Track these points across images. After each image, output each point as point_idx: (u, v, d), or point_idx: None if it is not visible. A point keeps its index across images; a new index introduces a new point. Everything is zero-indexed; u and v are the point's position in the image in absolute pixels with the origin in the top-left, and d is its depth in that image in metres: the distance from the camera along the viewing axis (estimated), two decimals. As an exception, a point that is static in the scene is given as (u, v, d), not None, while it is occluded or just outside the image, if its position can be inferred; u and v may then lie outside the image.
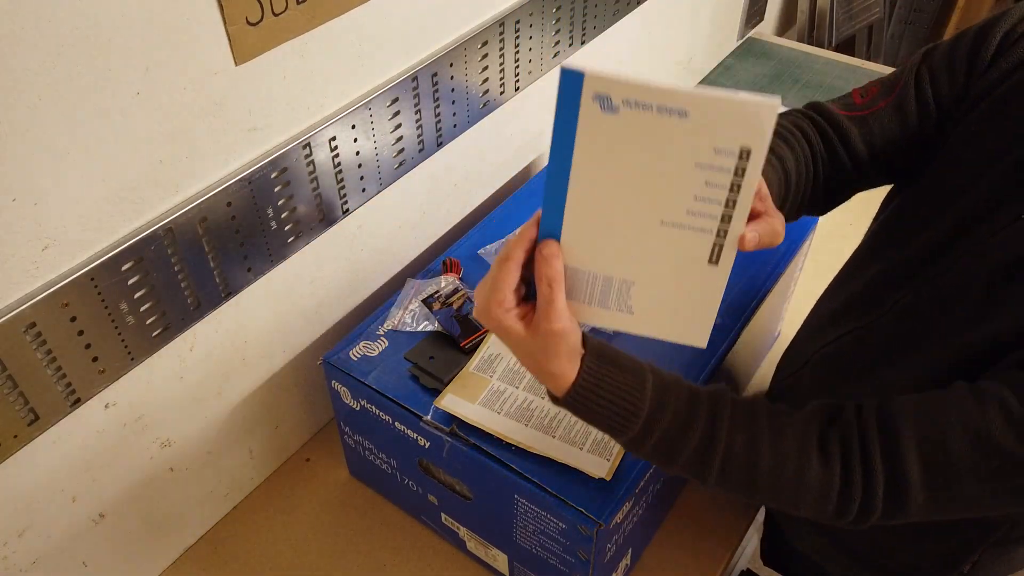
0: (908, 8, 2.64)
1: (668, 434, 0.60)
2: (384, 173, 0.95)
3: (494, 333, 0.60)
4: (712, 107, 0.49)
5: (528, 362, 0.60)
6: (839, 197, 0.79)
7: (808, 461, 0.59)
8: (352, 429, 0.91)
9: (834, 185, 0.77)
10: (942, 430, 0.57)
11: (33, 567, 0.76)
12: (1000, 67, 0.66)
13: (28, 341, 0.65)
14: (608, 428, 0.61)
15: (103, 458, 0.78)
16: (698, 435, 0.60)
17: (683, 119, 0.50)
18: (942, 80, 0.70)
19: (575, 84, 0.50)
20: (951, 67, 0.70)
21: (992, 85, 0.66)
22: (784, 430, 0.60)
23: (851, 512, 0.59)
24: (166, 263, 0.73)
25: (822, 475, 0.59)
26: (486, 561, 0.89)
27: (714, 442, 0.60)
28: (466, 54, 0.98)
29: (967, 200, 0.65)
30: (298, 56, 0.77)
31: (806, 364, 0.81)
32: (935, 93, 0.71)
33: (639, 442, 0.61)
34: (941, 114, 0.71)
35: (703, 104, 0.49)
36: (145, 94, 0.65)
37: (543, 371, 0.59)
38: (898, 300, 0.69)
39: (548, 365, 0.59)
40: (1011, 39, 0.66)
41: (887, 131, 0.73)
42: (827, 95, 1.67)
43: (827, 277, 0.86)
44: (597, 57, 1.29)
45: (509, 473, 0.75)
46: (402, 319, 0.89)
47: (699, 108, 0.49)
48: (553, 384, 0.60)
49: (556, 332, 0.57)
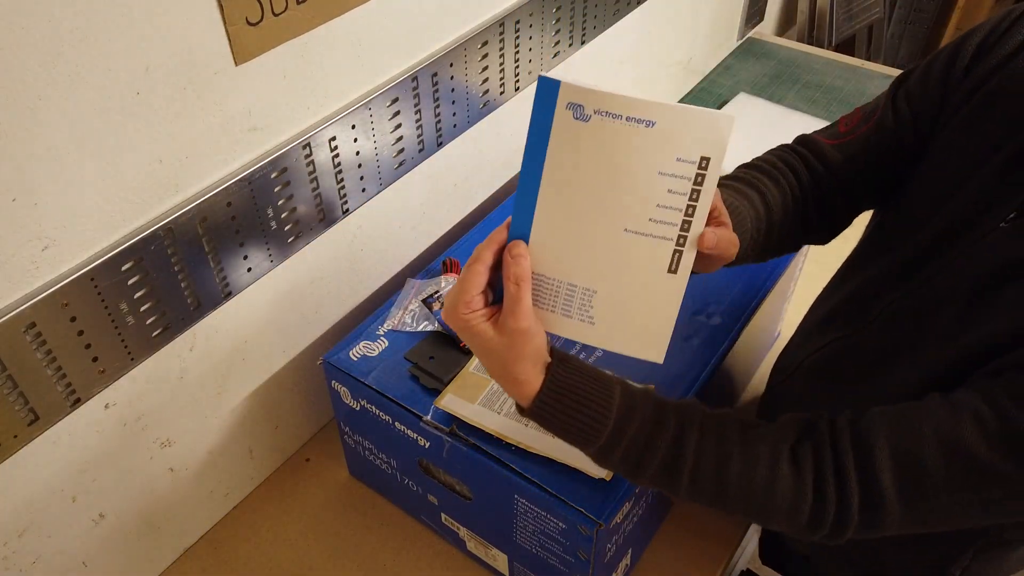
0: (908, 8, 2.65)
1: (636, 442, 0.60)
2: (384, 173, 0.95)
3: (460, 335, 0.60)
4: (677, 117, 0.53)
5: (494, 366, 0.60)
6: (837, 223, 0.80)
7: (779, 473, 0.58)
8: (352, 429, 0.91)
9: (828, 212, 0.78)
10: (917, 441, 0.56)
11: (33, 567, 0.76)
12: (976, 73, 0.65)
13: (28, 341, 0.65)
14: (576, 437, 0.61)
15: (103, 458, 0.78)
16: (666, 444, 0.60)
17: (649, 129, 0.53)
18: (919, 97, 0.71)
19: (551, 92, 0.54)
20: (926, 83, 0.71)
21: (970, 92, 0.66)
22: (755, 442, 0.60)
23: (825, 525, 0.58)
24: (166, 263, 0.73)
25: (794, 487, 0.58)
26: (486, 561, 0.89)
27: (683, 451, 0.60)
28: (466, 54, 0.98)
29: (953, 205, 0.65)
30: (298, 56, 0.77)
31: (797, 369, 0.81)
32: (913, 111, 0.72)
33: (607, 452, 0.61)
34: (921, 130, 0.71)
35: (669, 114, 0.53)
36: (145, 94, 0.65)
37: (509, 375, 0.59)
38: (883, 308, 0.69)
39: (514, 368, 0.59)
40: (985, 47, 0.66)
41: (871, 153, 0.75)
42: (827, 95, 1.67)
43: (827, 277, 0.86)
44: (597, 57, 1.29)
45: (509, 473, 0.75)
46: (402, 319, 0.89)
47: (665, 118, 0.53)
48: (519, 392, 0.60)
49: (522, 331, 0.57)
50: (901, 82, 0.75)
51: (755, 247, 0.71)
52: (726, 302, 0.91)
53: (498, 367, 0.60)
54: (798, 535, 0.60)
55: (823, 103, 1.65)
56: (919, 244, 0.67)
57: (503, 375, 0.60)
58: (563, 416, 0.60)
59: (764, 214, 0.72)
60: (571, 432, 0.61)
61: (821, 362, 0.77)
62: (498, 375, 0.61)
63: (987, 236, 0.61)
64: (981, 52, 0.66)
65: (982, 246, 0.62)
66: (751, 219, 0.70)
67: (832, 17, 2.11)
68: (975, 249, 0.62)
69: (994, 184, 0.62)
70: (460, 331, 0.60)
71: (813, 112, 1.61)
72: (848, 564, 0.81)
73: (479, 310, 0.58)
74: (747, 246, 0.68)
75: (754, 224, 0.70)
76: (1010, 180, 0.61)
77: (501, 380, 0.61)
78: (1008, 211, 0.60)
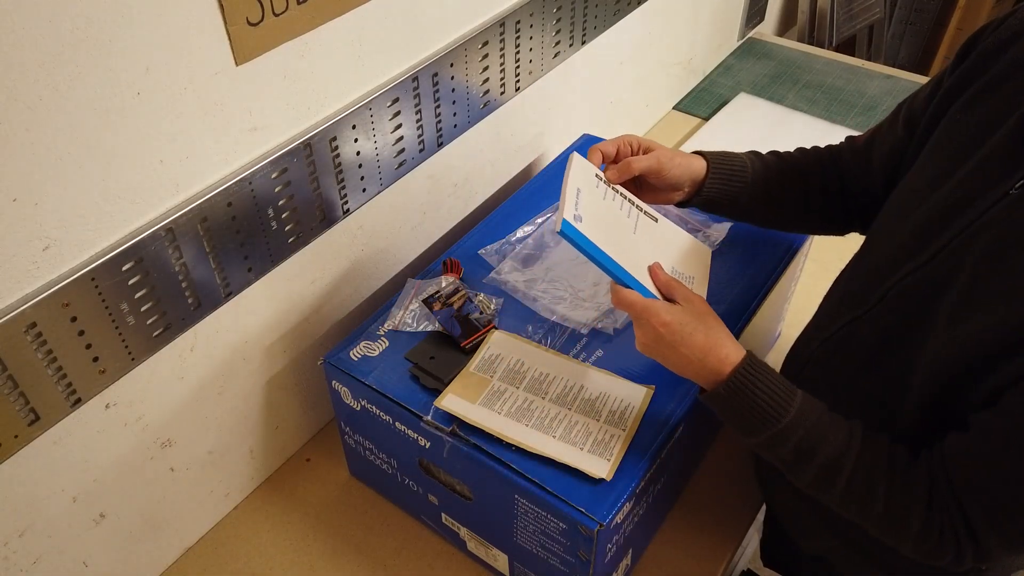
0: (909, 8, 2.64)
1: (812, 433, 0.67)
2: (384, 173, 0.95)
3: (659, 326, 0.71)
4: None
5: (697, 336, 0.70)
6: (853, 215, 0.88)
7: (913, 517, 0.65)
8: (352, 429, 0.91)
9: (844, 201, 0.87)
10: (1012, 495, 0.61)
11: (33, 567, 0.76)
12: (982, 53, 0.68)
13: (29, 341, 0.65)
14: (759, 416, 0.68)
15: (103, 458, 0.78)
16: (838, 443, 0.67)
17: None
18: (924, 96, 0.76)
19: (569, 229, 0.72)
20: (930, 84, 0.76)
21: (974, 72, 0.68)
22: (898, 482, 0.66)
23: (942, 562, 0.66)
24: (166, 263, 0.73)
25: (923, 535, 0.65)
26: (486, 561, 0.89)
27: (847, 455, 0.67)
28: (466, 54, 0.98)
29: (962, 175, 0.65)
30: (299, 56, 0.77)
31: (808, 361, 0.81)
32: (920, 106, 0.77)
33: (784, 436, 0.67)
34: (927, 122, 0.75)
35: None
36: (145, 94, 0.65)
37: (711, 345, 0.70)
38: (888, 290, 0.70)
39: (717, 336, 0.70)
40: (987, 33, 0.69)
41: (883, 146, 0.82)
42: (827, 95, 1.67)
43: (827, 277, 0.86)
44: (597, 57, 1.29)
45: (509, 473, 0.75)
46: (402, 319, 0.89)
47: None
48: (717, 360, 0.69)
49: (709, 307, 0.74)
50: (907, 98, 0.81)
51: (756, 189, 0.87)
52: (726, 302, 0.91)
53: (701, 336, 0.70)
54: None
55: (823, 103, 1.65)
56: (926, 221, 0.68)
57: (704, 342, 0.70)
58: (753, 393, 0.68)
59: (761, 166, 0.88)
60: (757, 410, 0.68)
61: (831, 351, 0.77)
62: (699, 342, 0.70)
63: (988, 211, 0.62)
64: (980, 39, 0.69)
65: (984, 221, 0.62)
66: (748, 162, 0.87)
67: (832, 17, 2.11)
68: (977, 225, 0.62)
69: (999, 155, 0.63)
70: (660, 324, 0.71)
71: (813, 112, 1.61)
72: (867, 559, 0.81)
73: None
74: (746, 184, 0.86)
75: (752, 166, 0.87)
76: (1019, 147, 0.61)
77: (698, 348, 0.70)
78: (1013, 181, 0.60)
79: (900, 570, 0.79)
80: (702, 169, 0.86)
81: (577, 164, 0.80)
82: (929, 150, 0.72)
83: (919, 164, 0.73)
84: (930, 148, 0.71)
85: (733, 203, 0.88)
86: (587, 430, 0.77)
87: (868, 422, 0.69)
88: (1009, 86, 0.64)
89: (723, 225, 1.00)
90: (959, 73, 0.70)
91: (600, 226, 0.76)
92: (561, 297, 0.92)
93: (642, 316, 0.72)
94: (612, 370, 0.83)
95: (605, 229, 0.77)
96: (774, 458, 0.71)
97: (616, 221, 0.80)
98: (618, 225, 0.80)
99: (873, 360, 0.72)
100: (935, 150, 0.71)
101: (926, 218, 0.67)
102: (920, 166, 0.72)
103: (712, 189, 0.87)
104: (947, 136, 0.70)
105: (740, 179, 0.87)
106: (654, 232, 0.84)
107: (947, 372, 0.63)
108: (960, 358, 0.61)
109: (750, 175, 0.87)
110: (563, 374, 0.82)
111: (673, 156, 0.85)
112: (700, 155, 0.87)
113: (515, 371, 0.83)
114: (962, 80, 0.69)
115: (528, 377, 0.82)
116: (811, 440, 0.67)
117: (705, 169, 0.86)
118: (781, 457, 0.70)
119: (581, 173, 0.80)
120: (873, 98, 1.66)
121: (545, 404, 0.79)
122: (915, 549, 0.66)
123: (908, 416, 0.68)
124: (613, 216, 0.80)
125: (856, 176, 0.85)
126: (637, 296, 0.73)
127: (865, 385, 0.73)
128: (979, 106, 0.67)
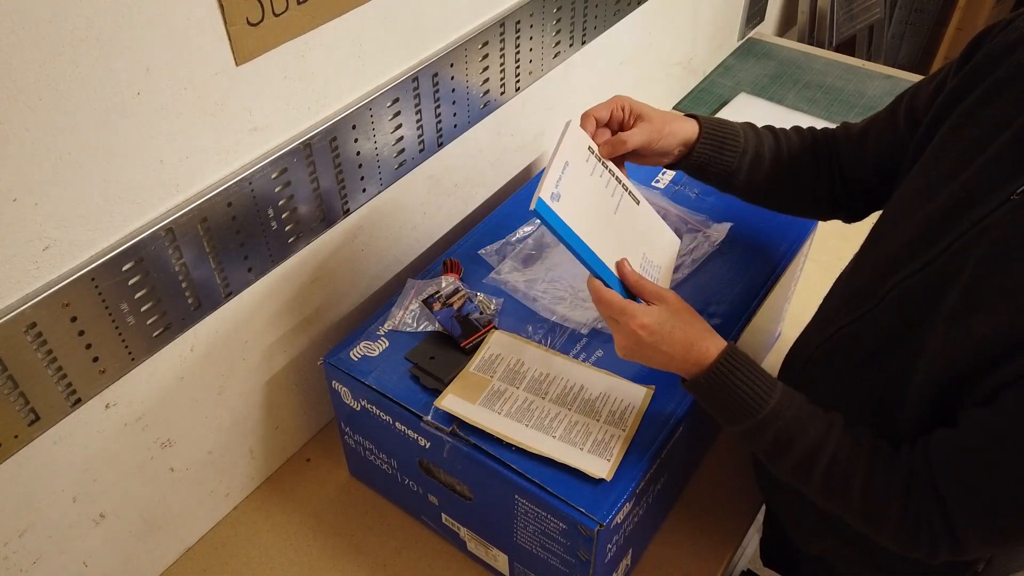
0: (909, 8, 2.64)
1: (792, 424, 0.68)
2: (384, 173, 0.95)
3: (639, 329, 0.71)
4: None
5: (676, 331, 0.71)
6: (840, 200, 0.88)
7: (891, 509, 0.66)
8: (352, 429, 0.91)
9: (831, 185, 0.87)
10: (996, 490, 0.61)
11: (33, 567, 0.76)
12: (988, 55, 0.68)
13: (29, 341, 0.65)
14: (740, 406, 0.69)
15: (103, 458, 0.78)
16: (816, 433, 0.68)
17: None
18: (927, 95, 0.76)
19: (543, 208, 0.70)
20: (933, 83, 0.76)
21: (980, 74, 0.68)
22: (876, 474, 0.66)
23: (918, 554, 0.66)
24: (167, 263, 0.73)
25: (899, 527, 0.66)
26: (486, 561, 0.89)
27: (825, 446, 0.67)
28: (466, 54, 0.98)
29: (963, 180, 0.65)
30: (299, 56, 0.77)
31: (809, 361, 0.81)
32: (922, 105, 0.76)
33: (763, 426, 0.69)
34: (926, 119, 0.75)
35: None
36: (145, 94, 0.65)
37: (690, 337, 0.71)
38: (889, 291, 0.70)
39: (700, 335, 0.71)
40: (993, 35, 0.69)
41: (879, 136, 0.82)
42: (827, 95, 1.67)
43: (827, 277, 0.86)
44: (597, 57, 1.29)
45: (509, 473, 0.75)
46: (402, 319, 0.89)
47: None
48: (699, 352, 0.70)
49: (683, 302, 0.74)
50: (908, 90, 0.80)
51: (758, 164, 0.87)
52: (726, 302, 0.91)
53: (680, 332, 0.71)
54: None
55: (823, 103, 1.65)
56: (928, 222, 0.67)
57: (684, 338, 0.71)
58: (734, 383, 0.69)
59: (763, 142, 0.87)
60: (737, 399, 0.69)
61: (831, 351, 0.77)
62: (679, 339, 0.71)
63: (990, 215, 0.62)
64: (984, 41, 0.69)
65: (985, 225, 0.62)
66: (748, 134, 0.87)
67: (832, 17, 2.11)
68: (978, 228, 0.62)
69: (1004, 159, 0.63)
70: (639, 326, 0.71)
71: (813, 112, 1.61)
72: (868, 559, 0.81)
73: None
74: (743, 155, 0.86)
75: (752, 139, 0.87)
76: (1020, 154, 0.62)
77: (680, 345, 0.71)
78: (1017, 185, 0.60)
79: (900, 570, 0.79)
80: (694, 132, 0.85)
81: (572, 133, 0.78)
82: (932, 151, 0.71)
83: (921, 165, 0.72)
84: (933, 149, 0.71)
85: (721, 171, 0.87)
86: (587, 430, 0.77)
87: (868, 422, 0.69)
88: (1015, 89, 0.64)
89: (723, 225, 1.00)
90: (964, 74, 0.70)
91: (580, 205, 0.75)
92: (561, 297, 0.92)
93: (620, 318, 0.71)
94: (612, 370, 0.83)
95: (585, 208, 0.75)
96: (755, 448, 0.72)
97: (598, 200, 0.79)
98: (600, 205, 0.78)
99: (873, 360, 0.72)
100: (938, 151, 0.70)
101: (929, 219, 0.67)
102: (922, 167, 0.72)
103: (702, 155, 0.85)
104: (951, 138, 0.69)
105: (732, 148, 0.86)
106: (634, 215, 0.83)
107: (947, 373, 0.63)
108: (960, 359, 0.61)
109: (742, 144, 0.86)
110: (563, 374, 0.82)
111: (664, 125, 0.83)
112: (694, 118, 0.86)
113: (515, 371, 0.83)
114: (967, 82, 0.69)
115: (528, 377, 0.82)
116: (790, 432, 0.68)
117: (697, 133, 0.85)
118: (761, 447, 0.71)
119: (573, 144, 0.78)
120: (873, 98, 1.66)
121: (545, 404, 0.79)
122: (891, 539, 0.67)
123: (908, 416, 0.68)
124: (596, 195, 0.79)
125: (848, 161, 0.85)
126: (616, 297, 0.72)
127: (865, 385, 0.72)
128: (984, 108, 0.66)
